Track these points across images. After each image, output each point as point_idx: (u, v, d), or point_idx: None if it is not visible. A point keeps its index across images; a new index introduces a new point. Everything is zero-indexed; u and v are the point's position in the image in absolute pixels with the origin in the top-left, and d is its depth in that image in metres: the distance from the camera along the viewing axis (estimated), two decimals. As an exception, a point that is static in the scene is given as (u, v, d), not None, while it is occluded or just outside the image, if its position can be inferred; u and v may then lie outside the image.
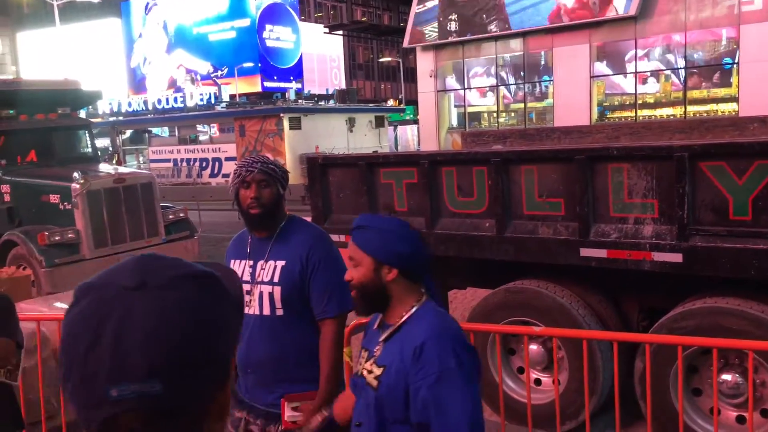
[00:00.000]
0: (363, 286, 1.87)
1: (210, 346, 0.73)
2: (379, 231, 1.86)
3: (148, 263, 0.75)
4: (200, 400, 0.73)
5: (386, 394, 1.80)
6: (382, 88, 60.54)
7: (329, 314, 2.56)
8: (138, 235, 9.19)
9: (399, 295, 1.86)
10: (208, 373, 0.73)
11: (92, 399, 0.69)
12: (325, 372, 2.52)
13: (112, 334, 0.68)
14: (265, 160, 2.62)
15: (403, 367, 1.76)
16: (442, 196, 4.88)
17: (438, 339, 1.75)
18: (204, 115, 30.39)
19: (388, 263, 1.84)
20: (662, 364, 3.99)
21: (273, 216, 2.62)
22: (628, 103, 19.55)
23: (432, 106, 22.25)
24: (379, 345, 1.89)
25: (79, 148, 10.60)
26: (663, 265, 4.06)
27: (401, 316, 1.85)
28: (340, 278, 2.62)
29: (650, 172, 4.07)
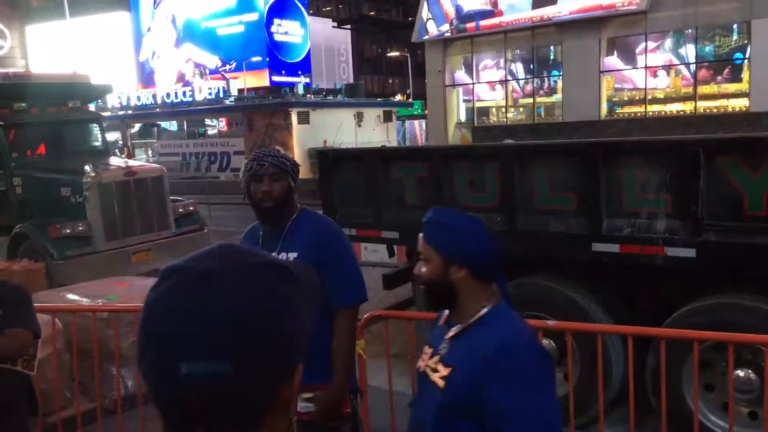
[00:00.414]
0: (431, 283, 1.82)
1: (282, 334, 0.75)
2: (449, 228, 1.80)
3: (229, 251, 0.78)
4: (267, 389, 0.74)
5: (454, 397, 1.73)
6: (390, 82, 60.44)
7: (342, 305, 2.56)
8: (148, 228, 9.22)
9: (468, 294, 1.79)
10: (277, 361, 0.75)
11: (164, 376, 0.71)
12: (338, 363, 2.53)
13: (188, 315, 0.71)
14: (275, 154, 2.62)
15: (474, 371, 1.69)
16: (453, 190, 4.88)
17: (514, 345, 1.69)
18: (212, 110, 30.43)
19: (458, 262, 1.77)
20: (675, 359, 3.98)
21: (284, 209, 2.62)
22: (637, 98, 19.42)
23: (440, 100, 22.19)
24: (445, 343, 1.82)
25: (90, 142, 10.64)
26: (676, 260, 4.05)
27: (471, 316, 1.78)
28: (352, 269, 2.62)
29: (664, 166, 4.05)
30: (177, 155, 30.33)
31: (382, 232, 5.29)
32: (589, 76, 19.17)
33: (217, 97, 31.52)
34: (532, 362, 1.68)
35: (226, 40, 40.26)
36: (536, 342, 1.78)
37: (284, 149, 15.67)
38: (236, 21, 40.11)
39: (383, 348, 5.04)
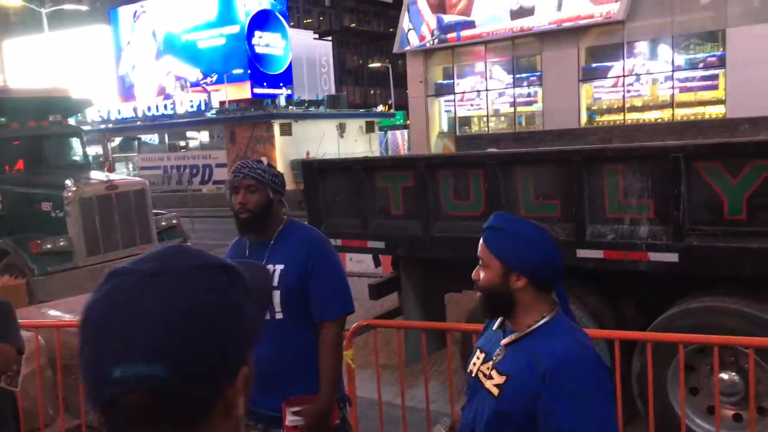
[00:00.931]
0: (489, 290, 1.78)
1: (220, 335, 0.73)
2: (513, 235, 1.75)
3: (171, 252, 0.78)
4: (206, 390, 0.73)
5: (509, 407, 1.70)
6: (372, 93, 60.60)
7: (328, 317, 2.54)
8: (130, 242, 9.15)
9: (527, 303, 1.75)
10: (217, 362, 0.73)
11: (98, 378, 0.71)
12: (324, 376, 2.50)
13: (122, 317, 0.70)
14: (252, 165, 2.60)
15: (532, 382, 1.66)
16: (438, 199, 4.90)
17: (577, 358, 1.65)
18: (194, 122, 30.32)
19: (519, 271, 1.72)
20: (660, 363, 4.01)
21: (263, 221, 2.59)
22: (616, 106, 19.65)
23: (422, 110, 22.30)
24: (500, 349, 1.79)
25: (71, 156, 10.56)
26: (659, 265, 4.09)
27: (528, 325, 1.74)
28: (339, 281, 2.59)
29: (646, 172, 4.11)
30: (158, 168, 30.14)
31: (368, 241, 5.30)
32: (568, 85, 19.38)
33: (199, 110, 31.42)
34: (594, 378, 1.63)
35: (207, 53, 40.16)
36: (598, 356, 1.71)
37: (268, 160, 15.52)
38: (217, 34, 40.05)
39: (370, 358, 5.04)
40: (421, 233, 4.89)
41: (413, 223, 5.02)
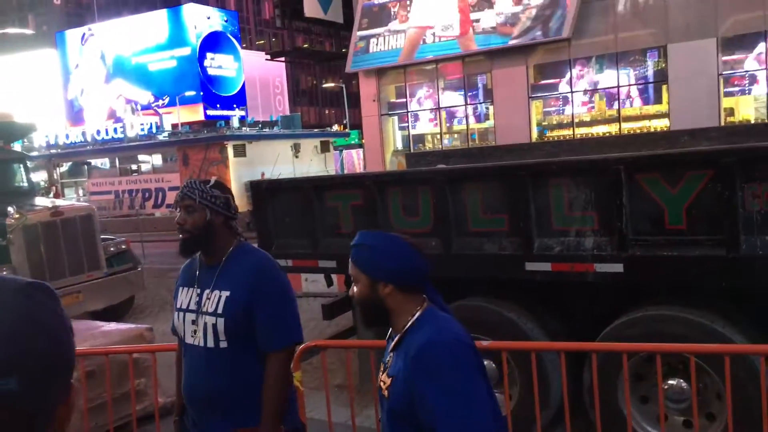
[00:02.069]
0: (363, 302, 1.93)
1: (63, 349, 0.77)
2: (372, 249, 1.91)
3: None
4: (49, 403, 0.75)
5: (396, 404, 1.84)
6: (327, 113, 60.70)
7: (273, 347, 2.43)
8: (78, 269, 8.89)
9: (398, 307, 1.90)
10: (58, 375, 0.76)
11: None
12: (267, 408, 2.39)
13: None
14: (193, 185, 2.52)
15: (406, 375, 1.79)
16: (388, 216, 4.89)
17: (434, 341, 1.78)
18: (145, 146, 29.82)
19: (383, 279, 1.88)
20: (608, 373, 4.06)
21: (202, 242, 2.51)
22: (566, 122, 20.11)
23: (376, 129, 22.42)
24: (390, 356, 1.94)
25: (14, 182, 10.22)
26: (605, 276, 4.16)
27: (404, 326, 1.89)
28: (286, 309, 2.49)
29: (589, 185, 4.18)
30: (110, 193, 29.49)
31: (319, 261, 5.25)
32: (518, 102, 19.77)
33: (150, 133, 30.93)
34: (453, 355, 1.75)
35: (158, 76, 39.69)
36: (460, 337, 1.82)
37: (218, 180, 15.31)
38: (168, 56, 39.65)
39: (321, 380, 4.97)
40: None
41: (364, 242, 5.01)
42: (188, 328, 2.53)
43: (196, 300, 2.54)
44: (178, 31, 39.20)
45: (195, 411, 2.55)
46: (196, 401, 2.52)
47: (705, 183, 3.77)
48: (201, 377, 2.47)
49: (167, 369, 4.53)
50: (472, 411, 1.70)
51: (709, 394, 4.06)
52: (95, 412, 4.63)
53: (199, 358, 2.48)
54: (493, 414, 1.75)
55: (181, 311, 2.58)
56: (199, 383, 2.48)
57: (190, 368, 2.52)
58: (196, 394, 2.50)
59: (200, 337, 2.48)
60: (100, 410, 4.49)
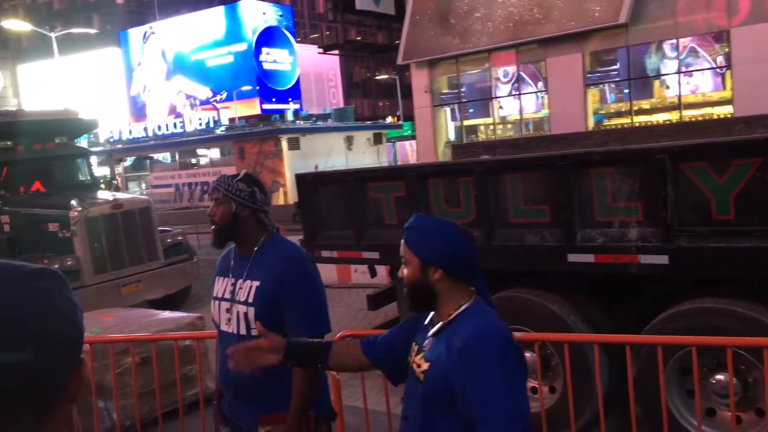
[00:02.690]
0: (411, 285, 1.94)
1: (71, 327, 0.83)
2: (425, 232, 1.92)
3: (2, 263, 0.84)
4: (61, 378, 0.81)
5: (432, 390, 1.85)
6: (380, 105, 60.85)
7: (301, 337, 2.46)
8: (137, 260, 9.23)
9: (446, 293, 1.90)
10: (69, 352, 0.82)
11: None
12: (294, 397, 2.46)
13: None
14: (220, 178, 2.64)
15: (449, 363, 1.81)
16: (429, 207, 4.91)
17: (483, 336, 1.79)
18: (203, 140, 30.59)
19: (434, 264, 1.89)
20: (654, 366, 3.99)
21: (229, 234, 2.61)
22: (624, 110, 19.59)
23: (428, 121, 22.35)
24: (428, 340, 1.94)
25: (78, 177, 10.68)
26: (650, 268, 4.08)
27: (449, 314, 1.90)
28: (314, 299, 2.55)
29: (633, 175, 4.10)
30: (170, 186, 30.39)
31: (363, 252, 5.32)
32: (573, 91, 19.36)
33: (208, 128, 31.70)
34: (499, 353, 1.76)
35: (215, 71, 40.58)
36: (505, 332, 1.84)
37: (275, 176, 15.82)
38: (225, 52, 40.46)
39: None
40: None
41: (406, 233, 5.04)
42: (223, 316, 2.64)
43: (230, 289, 2.63)
44: (235, 27, 39.95)
45: (229, 395, 2.66)
46: (229, 386, 2.63)
47: (753, 172, 3.65)
48: None
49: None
50: (512, 408, 1.73)
51: (759, 389, 3.94)
52: (148, 397, 4.83)
53: (232, 344, 2.56)
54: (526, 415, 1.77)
55: (217, 300, 2.69)
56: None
57: (224, 355, 2.62)
58: (229, 380, 2.60)
59: (234, 325, 2.58)
60: (153, 395, 4.68)
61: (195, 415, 4.64)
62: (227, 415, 2.67)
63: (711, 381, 4.12)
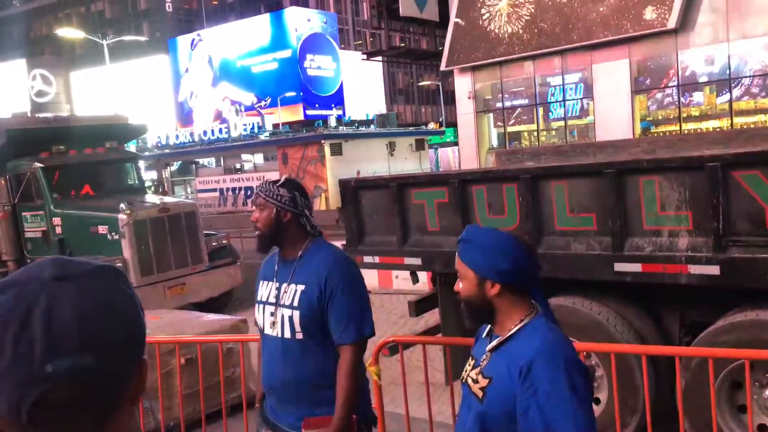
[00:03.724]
0: (468, 300, 1.86)
1: (132, 326, 0.82)
2: (480, 245, 1.83)
3: (64, 260, 0.83)
4: (124, 379, 0.80)
5: (491, 408, 1.78)
6: (423, 111, 60.86)
7: (346, 341, 2.51)
8: (183, 263, 9.41)
9: (505, 308, 1.82)
10: (131, 351, 0.81)
11: (25, 377, 0.74)
12: (339, 400, 2.47)
13: (43, 317, 0.75)
14: (262, 184, 2.68)
15: (511, 383, 1.73)
16: (473, 214, 4.88)
17: (549, 357, 1.70)
18: (248, 145, 31.05)
19: (491, 278, 1.80)
20: (704, 379, 3.88)
21: (273, 238, 2.64)
22: (672, 117, 19.15)
23: (472, 127, 22.23)
24: (486, 354, 1.87)
25: (127, 180, 10.97)
26: (700, 278, 3.97)
27: (509, 329, 1.81)
28: (359, 303, 2.56)
29: (683, 183, 4.00)
30: (215, 190, 30.92)
31: (405, 258, 5.31)
32: (620, 97, 19.02)
33: (252, 133, 32.17)
34: (567, 375, 1.67)
35: (260, 77, 41.23)
36: (570, 352, 1.75)
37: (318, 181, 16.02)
38: (270, 58, 41.09)
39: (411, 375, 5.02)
40: (456, 249, 4.88)
41: (449, 239, 5.01)
42: (267, 319, 2.66)
43: (274, 293, 2.66)
44: (280, 34, 40.54)
45: (272, 398, 2.68)
46: (273, 389, 2.66)
47: (811, 181, 3.52)
48: (278, 366, 2.61)
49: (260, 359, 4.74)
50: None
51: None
52: (192, 398, 4.90)
53: (277, 348, 2.61)
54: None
55: (261, 303, 2.71)
56: (276, 372, 2.62)
57: (268, 358, 2.66)
58: (273, 382, 2.63)
59: (278, 329, 2.60)
60: (197, 396, 4.75)
61: (236, 418, 4.70)
62: (269, 418, 2.70)
63: (764, 396, 3.99)
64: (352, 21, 56.73)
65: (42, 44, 62.95)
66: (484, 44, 20.79)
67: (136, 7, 58.98)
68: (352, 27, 56.45)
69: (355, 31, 56.45)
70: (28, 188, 9.74)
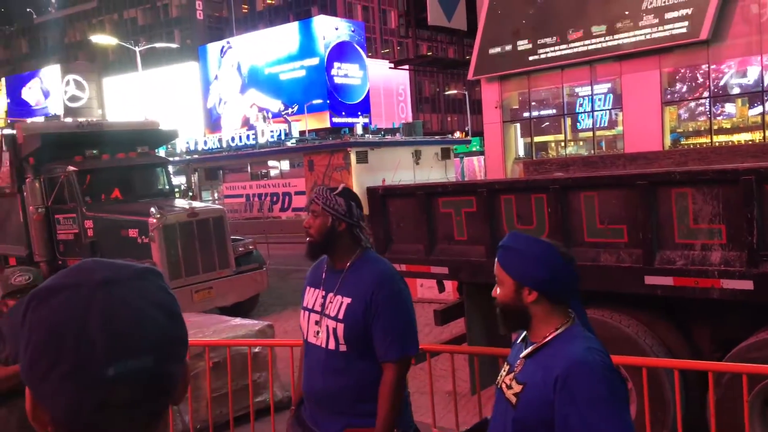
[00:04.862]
0: (504, 305, 1.88)
1: (182, 327, 0.83)
2: (520, 253, 1.85)
3: (107, 263, 0.83)
4: (174, 380, 0.81)
5: (525, 415, 1.78)
6: (449, 120, 60.84)
7: (390, 358, 2.48)
8: (210, 267, 9.50)
9: (541, 316, 1.83)
10: (182, 350, 0.82)
11: (88, 380, 0.74)
12: (381, 416, 2.46)
13: (100, 320, 0.75)
14: (319, 190, 2.63)
15: (545, 390, 1.73)
16: (501, 224, 4.87)
17: (586, 365, 1.70)
18: (274, 152, 31.29)
19: (529, 285, 1.82)
20: (737, 396, 3.81)
21: (324, 247, 2.61)
22: (703, 129, 18.91)
23: (498, 136, 22.16)
24: (520, 360, 1.88)
25: (157, 185, 11.12)
26: (733, 293, 3.91)
27: (544, 337, 1.82)
28: (404, 320, 2.52)
29: (716, 196, 3.95)
30: (241, 196, 31.19)
31: (432, 267, 5.31)
32: (650, 108, 18.83)
33: (279, 140, 32.42)
34: (606, 383, 1.68)
35: (288, 85, 41.58)
36: (607, 360, 1.75)
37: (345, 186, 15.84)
38: (298, 66, 41.43)
39: (437, 384, 5.02)
40: (484, 258, 4.87)
41: (476, 249, 5.01)
42: (311, 328, 2.64)
43: (320, 302, 2.63)
44: (308, 42, 40.87)
45: (312, 405, 2.67)
46: (313, 397, 2.64)
47: None
48: (319, 376, 2.59)
49: (286, 363, 4.76)
50: None
51: None
52: (219, 401, 4.95)
53: (320, 357, 2.59)
54: None
55: (306, 310, 2.69)
56: (317, 382, 2.60)
57: (310, 366, 2.64)
58: (315, 390, 2.62)
59: (322, 339, 2.58)
60: (224, 399, 4.79)
61: (263, 422, 4.73)
62: (306, 423, 2.69)
63: (799, 415, 3.91)
64: (379, 29, 57.01)
65: (76, 50, 64.28)
66: (512, 54, 20.74)
67: (168, 15, 59.98)
68: (379, 35, 56.73)
69: (382, 39, 56.70)
70: (61, 191, 9.92)
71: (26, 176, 10.08)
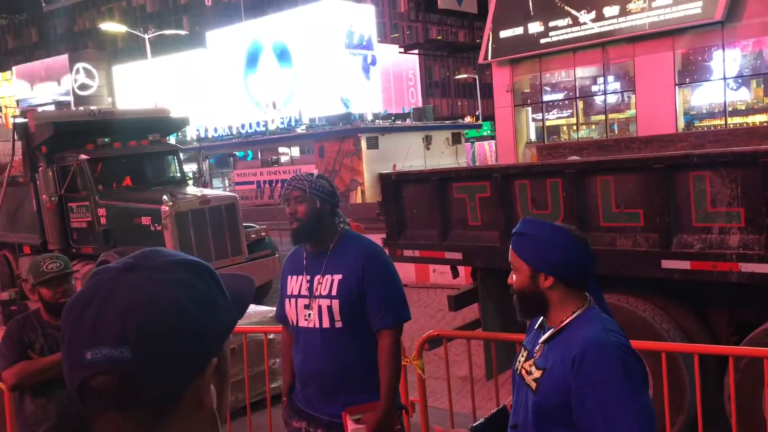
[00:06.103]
0: (521, 292, 1.87)
1: (188, 325, 0.77)
2: (535, 239, 1.83)
3: (150, 252, 0.83)
4: (172, 377, 0.76)
5: (545, 399, 1.78)
6: (459, 104, 60.51)
7: (386, 325, 2.60)
8: (223, 254, 9.53)
9: (558, 301, 1.82)
10: (183, 351, 0.76)
11: (73, 362, 0.76)
12: (384, 383, 2.55)
13: (97, 306, 0.76)
14: (300, 177, 2.70)
15: (564, 373, 1.73)
16: (515, 209, 4.84)
17: (601, 346, 1.69)
18: (285, 138, 31.28)
19: (544, 271, 1.81)
20: (755, 380, 3.78)
21: (315, 230, 2.67)
22: (717, 111, 18.70)
23: (509, 120, 22.03)
24: (539, 346, 1.87)
25: (168, 173, 11.14)
26: (752, 277, 3.87)
27: (561, 321, 1.82)
28: (395, 290, 2.66)
29: (735, 179, 3.90)
30: (252, 183, 31.25)
31: (446, 253, 5.29)
32: (663, 90, 18.62)
33: (289, 126, 32.36)
34: (622, 364, 1.66)
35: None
36: (624, 340, 1.73)
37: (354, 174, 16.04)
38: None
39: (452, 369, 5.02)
40: (498, 244, 4.84)
41: (490, 234, 4.98)
42: (301, 312, 2.70)
43: (307, 286, 2.70)
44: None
45: (309, 390, 2.71)
46: (311, 379, 2.69)
47: None
48: (316, 356, 2.65)
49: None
50: (641, 425, 1.62)
51: None
52: (235, 387, 4.97)
53: (314, 339, 2.66)
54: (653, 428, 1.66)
55: (293, 297, 2.74)
56: (314, 362, 2.66)
57: (305, 349, 2.69)
58: (311, 372, 2.68)
59: (315, 320, 2.65)
60: (241, 385, 4.81)
61: (279, 407, 4.75)
62: (301, 408, 2.72)
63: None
64: (389, 14, 56.61)
65: (85, 38, 64.33)
66: (524, 37, 20.54)
67: (176, 2, 59.82)
68: (389, 20, 56.33)
69: (391, 23, 56.30)
70: (74, 180, 9.95)
71: (39, 165, 10.11)
